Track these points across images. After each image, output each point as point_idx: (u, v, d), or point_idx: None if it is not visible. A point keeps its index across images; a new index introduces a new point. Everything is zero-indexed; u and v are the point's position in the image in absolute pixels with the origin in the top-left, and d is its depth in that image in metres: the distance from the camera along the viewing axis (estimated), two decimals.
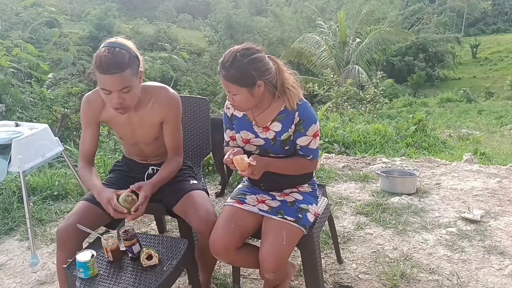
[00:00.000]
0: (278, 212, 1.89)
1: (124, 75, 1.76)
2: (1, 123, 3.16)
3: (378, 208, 3.36)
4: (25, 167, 2.76)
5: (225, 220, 1.89)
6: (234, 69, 1.70)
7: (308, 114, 1.84)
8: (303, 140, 1.85)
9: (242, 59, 1.70)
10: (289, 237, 1.82)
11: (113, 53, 1.73)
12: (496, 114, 15.61)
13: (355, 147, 6.03)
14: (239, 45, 1.77)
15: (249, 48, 1.74)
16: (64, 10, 33.16)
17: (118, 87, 1.77)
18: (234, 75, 1.71)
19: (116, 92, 1.78)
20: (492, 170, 4.40)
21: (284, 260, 1.82)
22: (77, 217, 1.88)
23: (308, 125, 1.83)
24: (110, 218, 2.00)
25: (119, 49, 1.76)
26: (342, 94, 11.26)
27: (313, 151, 1.89)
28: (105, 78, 1.75)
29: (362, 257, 2.65)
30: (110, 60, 1.72)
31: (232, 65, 1.70)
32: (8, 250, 2.99)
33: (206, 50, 37.19)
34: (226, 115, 2.01)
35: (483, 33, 46.50)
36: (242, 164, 1.74)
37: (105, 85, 1.77)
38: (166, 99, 2.02)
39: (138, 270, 1.73)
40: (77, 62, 8.76)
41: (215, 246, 1.83)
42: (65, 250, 1.83)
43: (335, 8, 30.96)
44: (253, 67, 1.71)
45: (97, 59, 1.74)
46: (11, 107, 6.47)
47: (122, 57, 1.75)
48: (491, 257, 2.59)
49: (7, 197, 3.57)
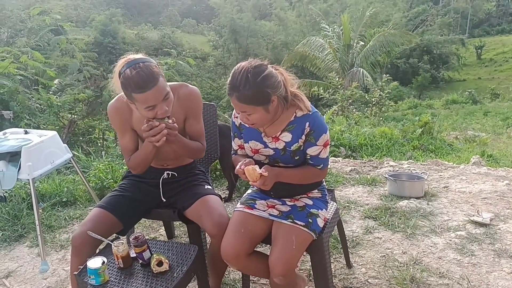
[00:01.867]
0: (288, 217, 1.89)
1: (160, 84, 1.78)
2: (11, 131, 3.19)
3: (387, 212, 3.35)
4: (34, 174, 2.78)
5: (236, 226, 1.89)
6: (248, 90, 1.65)
7: (319, 123, 1.82)
8: (313, 150, 1.84)
9: (255, 78, 1.65)
10: (299, 241, 1.82)
11: (141, 70, 1.73)
12: (502, 115, 15.52)
13: (362, 150, 6.01)
14: (243, 62, 1.72)
15: (258, 65, 1.69)
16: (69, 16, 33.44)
17: (161, 98, 1.79)
18: (249, 95, 1.67)
19: (160, 103, 1.80)
20: (501, 172, 4.38)
21: (293, 265, 1.81)
22: (92, 224, 1.91)
23: (318, 135, 1.82)
24: (122, 226, 2.02)
25: (143, 64, 1.76)
26: (347, 97, 11.25)
27: (323, 161, 1.89)
28: (146, 96, 1.75)
29: (372, 262, 2.65)
30: (143, 77, 1.72)
31: (246, 86, 1.65)
32: (18, 256, 3.01)
33: (210, 55, 37.29)
34: (235, 124, 2.00)
35: (487, 34, 46.31)
36: (254, 174, 1.74)
37: (148, 102, 1.78)
38: (187, 93, 2.05)
39: (149, 277, 1.74)
40: (83, 69, 8.80)
41: (226, 252, 1.83)
42: (80, 256, 1.85)
43: (339, 11, 30.99)
44: (267, 85, 1.68)
45: (130, 82, 1.73)
46: (19, 113, 6.51)
47: (150, 69, 1.76)
48: (502, 260, 2.58)
49: (16, 204, 3.60)
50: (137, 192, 2.14)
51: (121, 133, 2.06)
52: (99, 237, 1.84)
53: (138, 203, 2.12)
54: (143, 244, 1.79)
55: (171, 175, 2.16)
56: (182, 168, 2.22)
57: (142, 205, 2.13)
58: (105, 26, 31.59)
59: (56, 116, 7.66)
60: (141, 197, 2.13)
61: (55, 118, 7.57)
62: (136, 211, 2.11)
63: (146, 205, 2.14)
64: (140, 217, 2.21)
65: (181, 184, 2.18)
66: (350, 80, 15.49)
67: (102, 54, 29.15)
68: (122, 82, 1.77)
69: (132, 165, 2.07)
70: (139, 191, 2.15)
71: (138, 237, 1.78)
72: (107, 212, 1.98)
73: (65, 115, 8.07)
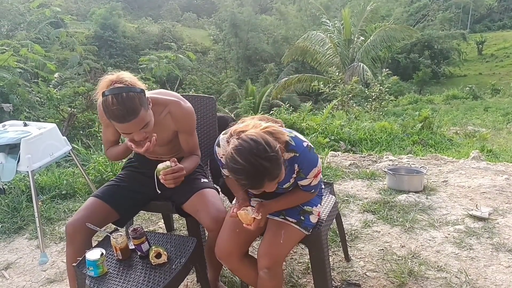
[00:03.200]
0: (280, 213, 1.90)
1: (140, 117, 1.75)
2: (10, 123, 3.19)
3: (385, 206, 3.36)
4: (33, 166, 2.78)
5: (230, 225, 1.89)
6: (276, 165, 1.55)
7: (307, 162, 1.74)
8: (305, 182, 1.80)
9: (269, 151, 1.53)
10: (288, 237, 1.83)
11: (122, 102, 1.69)
12: (502, 111, 15.50)
13: (361, 145, 6.02)
14: (239, 154, 1.53)
15: (250, 144, 1.53)
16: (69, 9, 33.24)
17: (138, 129, 1.80)
18: (279, 167, 1.57)
19: (137, 132, 1.81)
20: (500, 167, 4.38)
21: (279, 259, 1.83)
22: (86, 212, 1.93)
23: (308, 171, 1.76)
24: (118, 215, 2.03)
25: (126, 95, 1.71)
26: (347, 92, 11.23)
27: (315, 187, 1.85)
28: (123, 126, 1.76)
29: (370, 255, 2.65)
30: (123, 110, 1.70)
31: (273, 165, 1.54)
32: (17, 248, 3.02)
33: (211, 49, 37.24)
34: (221, 161, 1.84)
35: (489, 29, 46.10)
36: (247, 218, 1.73)
37: (124, 131, 1.80)
38: (180, 114, 2.02)
39: (147, 268, 1.74)
40: (83, 62, 8.79)
41: (220, 250, 1.85)
42: (74, 244, 1.87)
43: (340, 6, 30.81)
44: (275, 146, 1.57)
45: (109, 112, 1.72)
46: (19, 106, 6.51)
47: (132, 102, 1.72)
48: (500, 254, 2.58)
49: (16, 196, 3.61)
50: (133, 182, 2.15)
51: (105, 127, 2.12)
52: (96, 228, 1.84)
53: (134, 193, 2.12)
54: (141, 236, 1.79)
55: None
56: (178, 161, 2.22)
57: (139, 195, 2.13)
58: (106, 19, 31.45)
59: (56, 109, 7.66)
60: (138, 188, 2.14)
61: (54, 111, 7.57)
62: (132, 201, 2.12)
63: (143, 196, 2.15)
64: (138, 209, 2.21)
65: None
66: (350, 74, 15.47)
67: (102, 48, 29.07)
68: (102, 106, 1.75)
69: (110, 156, 2.18)
70: (136, 182, 2.15)
71: (136, 229, 1.78)
72: (101, 201, 2.00)
73: (65, 108, 8.07)
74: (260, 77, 28.25)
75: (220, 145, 1.79)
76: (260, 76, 28.59)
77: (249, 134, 1.57)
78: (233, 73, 33.52)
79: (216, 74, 32.56)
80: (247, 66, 32.68)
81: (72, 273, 1.89)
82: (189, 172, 2.05)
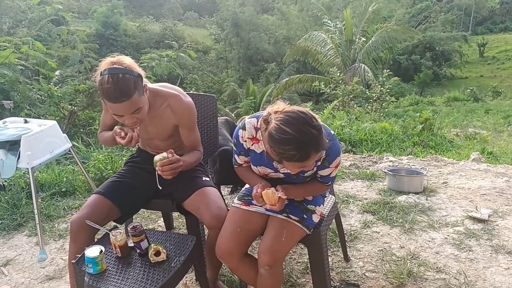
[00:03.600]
0: (283, 211, 1.89)
1: (132, 100, 1.77)
2: (10, 120, 3.19)
3: (385, 206, 3.35)
4: (33, 163, 2.78)
5: (231, 224, 1.89)
6: (322, 135, 1.58)
7: (334, 150, 1.77)
8: (325, 171, 1.83)
9: (314, 121, 1.58)
10: (289, 235, 1.83)
11: (117, 82, 1.72)
12: (503, 113, 15.50)
13: (362, 145, 6.01)
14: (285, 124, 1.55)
15: (296, 113, 1.58)
16: (71, 7, 33.26)
17: (129, 112, 1.80)
18: (324, 138, 1.60)
19: (128, 115, 1.82)
20: (500, 169, 4.38)
21: (280, 256, 1.82)
22: (89, 209, 1.93)
23: (332, 159, 1.79)
24: (120, 213, 2.03)
25: (122, 76, 1.74)
26: (348, 93, 11.22)
27: (332, 178, 1.89)
28: (115, 107, 1.77)
29: (369, 255, 2.65)
30: (116, 90, 1.72)
31: (320, 134, 1.58)
32: (17, 245, 3.02)
33: (212, 48, 37.20)
34: (243, 146, 1.88)
35: (490, 32, 46.05)
36: (273, 198, 1.72)
37: (116, 112, 1.81)
38: (180, 108, 2.03)
39: (146, 266, 1.74)
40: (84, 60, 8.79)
41: (220, 249, 1.85)
42: (78, 241, 1.87)
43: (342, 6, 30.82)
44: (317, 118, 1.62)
45: (103, 89, 1.74)
46: (19, 103, 6.52)
47: (127, 83, 1.74)
48: (499, 256, 2.58)
49: (15, 193, 3.61)
50: (135, 179, 2.15)
51: (105, 110, 2.15)
52: (96, 226, 1.84)
53: (136, 190, 2.12)
54: (141, 234, 1.79)
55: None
56: None
57: (140, 192, 2.13)
58: (107, 18, 31.46)
59: (57, 106, 7.66)
60: (139, 184, 2.14)
61: (55, 108, 7.58)
62: (134, 198, 2.11)
63: (144, 192, 2.14)
64: (139, 207, 2.21)
65: (179, 176, 2.17)
66: (351, 75, 15.47)
67: (104, 46, 29.05)
68: (98, 84, 1.78)
69: (100, 139, 2.23)
70: (138, 179, 2.15)
71: (136, 227, 1.78)
72: (105, 198, 2.00)
73: (66, 106, 8.07)
74: (261, 77, 28.24)
75: (246, 128, 1.81)
76: (261, 76, 28.58)
77: (294, 108, 1.62)
78: (234, 73, 33.52)
79: (217, 73, 32.52)
80: (248, 66, 32.67)
81: (73, 270, 1.89)
82: (188, 166, 2.05)
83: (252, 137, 1.82)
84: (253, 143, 1.84)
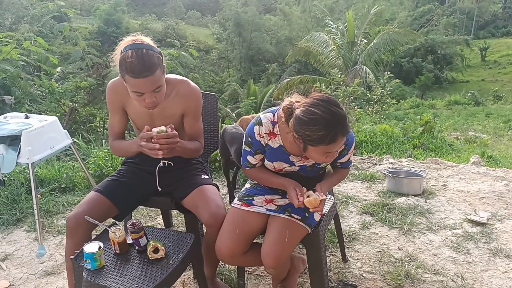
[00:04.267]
0: (285, 210, 1.90)
1: (155, 76, 1.76)
2: (11, 115, 3.19)
3: (384, 208, 3.36)
4: (34, 158, 2.78)
5: (231, 226, 1.89)
6: (347, 117, 1.63)
7: (351, 138, 1.84)
8: (344, 158, 1.90)
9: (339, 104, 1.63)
10: (292, 235, 1.83)
11: (141, 56, 1.72)
12: (504, 117, 15.52)
13: (362, 147, 6.01)
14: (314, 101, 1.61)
15: (323, 97, 1.63)
16: (73, 4, 33.28)
17: (151, 88, 1.79)
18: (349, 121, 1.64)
19: (149, 93, 1.80)
20: (500, 173, 4.38)
21: (285, 257, 1.83)
22: (87, 206, 1.92)
23: (350, 146, 1.86)
24: (118, 210, 2.03)
25: (146, 51, 1.75)
26: (349, 94, 11.22)
27: (350, 162, 1.98)
28: (138, 82, 1.75)
29: (367, 256, 2.66)
30: (141, 64, 1.71)
31: (346, 115, 1.62)
32: (15, 240, 3.03)
33: (214, 48, 37.23)
34: (260, 143, 1.86)
35: (492, 36, 46.04)
36: (315, 202, 1.74)
37: (138, 88, 1.78)
38: (188, 91, 2.03)
39: (145, 263, 1.74)
40: (86, 56, 8.79)
41: (221, 252, 1.86)
42: (74, 238, 1.86)
43: (344, 8, 30.84)
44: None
45: (127, 64, 1.73)
46: (20, 99, 6.52)
47: (151, 58, 1.75)
48: (497, 259, 2.58)
49: (15, 188, 3.61)
50: (134, 178, 2.14)
51: (112, 112, 2.08)
52: (95, 221, 1.84)
53: (135, 189, 2.11)
54: (140, 230, 1.79)
55: (167, 164, 2.15)
56: (178, 158, 2.17)
57: (139, 191, 2.13)
58: (109, 15, 31.50)
59: (58, 103, 7.67)
60: (138, 184, 2.13)
61: (56, 105, 7.58)
62: (133, 197, 2.11)
63: (143, 192, 2.14)
64: (137, 204, 2.21)
65: (178, 174, 2.17)
66: (352, 77, 15.47)
67: (106, 43, 29.04)
68: (120, 60, 1.77)
69: (113, 150, 2.14)
70: (137, 178, 2.14)
71: (135, 224, 1.79)
72: (103, 196, 1.98)
73: (67, 103, 8.08)
74: (263, 77, 28.26)
75: (262, 123, 1.81)
76: (263, 76, 28.60)
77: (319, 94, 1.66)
78: (236, 73, 33.54)
79: (219, 73, 32.55)
80: (250, 66, 32.69)
81: (70, 266, 1.89)
82: (185, 151, 2.02)
83: (269, 132, 1.83)
84: (270, 138, 1.84)
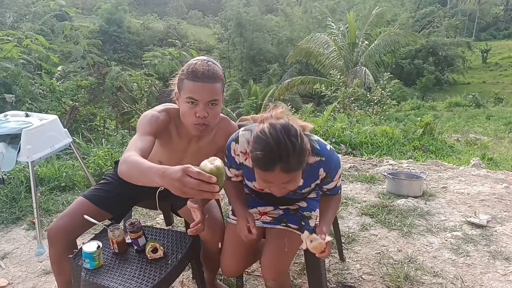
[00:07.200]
0: (281, 221, 1.88)
1: (216, 86, 1.68)
2: (12, 113, 3.19)
3: (384, 209, 3.35)
4: (34, 157, 2.78)
5: (233, 245, 1.86)
6: (297, 156, 1.44)
7: (333, 165, 1.69)
8: (331, 185, 1.75)
9: (298, 140, 1.45)
10: (291, 244, 1.82)
11: (208, 64, 1.69)
12: (505, 120, 15.49)
13: (362, 148, 6.01)
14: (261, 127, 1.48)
15: (287, 124, 1.47)
16: (75, 3, 33.31)
17: (208, 98, 1.67)
18: (299, 162, 1.46)
19: (204, 103, 1.67)
20: (500, 175, 4.37)
21: (285, 268, 1.82)
22: (69, 219, 1.85)
23: (334, 174, 1.71)
24: (106, 217, 1.97)
25: (213, 64, 1.73)
26: (349, 95, 11.21)
27: (339, 188, 1.82)
28: (197, 86, 1.65)
29: (366, 258, 2.65)
30: (205, 69, 1.66)
31: (294, 153, 1.42)
32: (14, 239, 3.02)
33: (215, 48, 37.25)
34: (234, 159, 1.77)
35: (494, 38, 45.98)
36: (322, 247, 1.60)
37: (194, 93, 1.66)
38: (228, 131, 1.86)
39: (143, 263, 1.74)
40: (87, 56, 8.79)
41: (228, 271, 1.89)
42: (56, 247, 1.83)
43: (346, 9, 30.85)
44: (306, 143, 1.50)
45: (191, 66, 1.68)
46: (21, 98, 6.51)
47: (217, 70, 1.71)
48: (496, 262, 2.58)
49: (15, 187, 3.61)
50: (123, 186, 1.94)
51: (142, 134, 1.68)
52: (94, 221, 1.83)
53: (125, 196, 2.02)
54: (138, 230, 1.79)
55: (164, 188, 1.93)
56: None
57: (130, 197, 2.05)
58: (111, 14, 31.51)
59: (58, 101, 7.66)
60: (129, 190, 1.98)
61: (57, 103, 7.58)
62: (124, 203, 2.05)
63: (136, 195, 2.07)
64: (132, 205, 2.17)
65: None
66: (353, 78, 15.46)
67: (107, 43, 29.08)
68: (182, 69, 1.71)
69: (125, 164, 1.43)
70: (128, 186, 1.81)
71: (134, 223, 1.78)
72: (90, 203, 1.92)
73: (67, 101, 8.08)
74: (264, 78, 28.27)
75: (239, 141, 1.71)
76: (264, 77, 28.61)
77: (292, 119, 1.54)
78: (237, 73, 33.56)
79: None
80: (251, 66, 32.71)
81: (57, 271, 1.89)
82: None
83: (245, 151, 1.71)
84: (246, 158, 1.72)
